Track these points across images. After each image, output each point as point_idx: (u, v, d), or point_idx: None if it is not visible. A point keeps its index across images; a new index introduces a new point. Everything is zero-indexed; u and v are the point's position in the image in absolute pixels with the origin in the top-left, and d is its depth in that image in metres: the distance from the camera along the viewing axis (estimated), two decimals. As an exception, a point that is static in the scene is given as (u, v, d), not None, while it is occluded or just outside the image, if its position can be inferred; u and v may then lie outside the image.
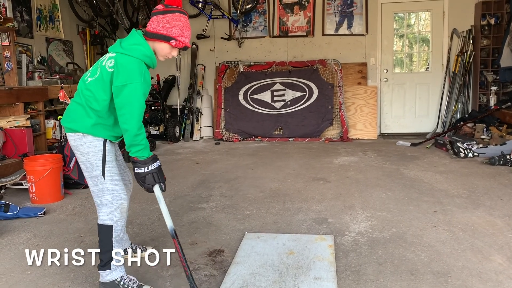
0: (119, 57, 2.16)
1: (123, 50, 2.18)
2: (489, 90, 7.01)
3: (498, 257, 2.56)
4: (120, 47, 2.21)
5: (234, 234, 3.06)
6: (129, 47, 2.19)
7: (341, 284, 2.28)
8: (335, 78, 7.31)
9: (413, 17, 7.90)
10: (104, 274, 2.25)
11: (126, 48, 2.19)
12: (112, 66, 2.15)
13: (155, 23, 2.23)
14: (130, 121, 2.13)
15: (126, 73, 2.11)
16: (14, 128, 4.80)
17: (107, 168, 2.24)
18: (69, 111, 2.28)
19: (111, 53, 2.23)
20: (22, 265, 2.64)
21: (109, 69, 2.16)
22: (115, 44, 2.26)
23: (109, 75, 2.16)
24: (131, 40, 2.23)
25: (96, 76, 2.20)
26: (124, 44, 2.21)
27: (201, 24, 7.78)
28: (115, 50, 2.22)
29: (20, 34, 5.84)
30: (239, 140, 7.27)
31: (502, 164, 4.88)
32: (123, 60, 2.15)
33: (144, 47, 2.21)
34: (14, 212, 3.46)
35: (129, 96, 2.10)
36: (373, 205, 3.63)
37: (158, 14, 2.24)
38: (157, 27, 2.22)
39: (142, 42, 2.21)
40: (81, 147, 2.23)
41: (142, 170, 2.21)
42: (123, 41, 2.24)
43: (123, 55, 2.16)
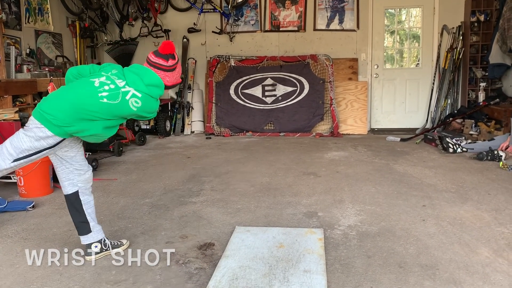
0: (145, 99, 2.39)
1: (148, 91, 2.40)
2: (478, 86, 7.07)
3: (485, 250, 2.60)
4: (144, 87, 2.39)
5: (224, 227, 3.06)
6: (152, 89, 2.42)
7: (330, 277, 2.29)
8: (326, 73, 7.33)
9: (404, 13, 7.93)
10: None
11: (150, 90, 2.41)
12: (137, 107, 2.37)
13: (171, 78, 2.53)
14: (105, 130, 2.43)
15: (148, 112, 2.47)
16: (2, 121, 4.74)
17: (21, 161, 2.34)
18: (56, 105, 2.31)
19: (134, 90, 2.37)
20: (10, 258, 2.62)
21: (133, 107, 2.36)
22: (136, 79, 2.39)
23: (131, 111, 2.38)
24: (154, 81, 2.44)
25: (115, 102, 2.33)
26: (147, 83, 2.41)
27: (192, 18, 7.74)
28: (140, 89, 2.38)
29: (8, 26, 5.77)
30: (230, 135, 7.26)
31: (490, 160, 4.94)
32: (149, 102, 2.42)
33: (161, 90, 2.49)
34: (2, 206, 3.43)
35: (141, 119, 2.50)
36: (363, 199, 3.65)
37: (171, 71, 2.51)
38: (173, 80, 2.55)
39: (160, 85, 2.47)
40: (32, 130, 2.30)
41: None
42: (145, 79, 2.41)
43: (148, 97, 2.40)
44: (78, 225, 2.60)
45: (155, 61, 2.47)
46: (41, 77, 5.73)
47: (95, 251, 2.58)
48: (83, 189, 2.57)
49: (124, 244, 2.72)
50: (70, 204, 2.58)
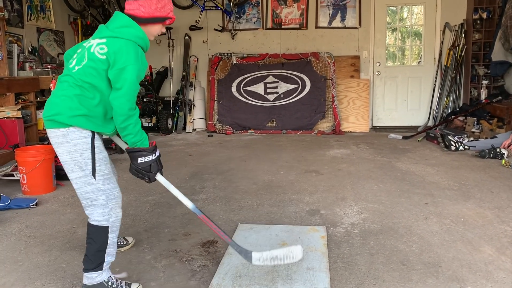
0: (111, 42, 2.02)
1: (113, 34, 2.05)
2: (480, 84, 7.06)
3: (487, 248, 2.60)
4: (108, 31, 2.07)
5: (227, 225, 3.07)
6: (120, 30, 2.06)
7: (333, 275, 2.30)
8: (328, 71, 7.32)
9: (405, 11, 7.91)
10: (93, 276, 2.09)
11: (116, 31, 2.05)
12: (104, 53, 2.01)
13: (145, 6, 2.11)
14: (123, 102, 1.99)
15: (123, 57, 1.99)
16: (5, 118, 4.76)
17: (97, 167, 2.04)
18: (52, 104, 2.04)
19: (98, 39, 2.07)
20: (13, 256, 2.63)
21: (100, 56, 2.01)
22: (100, 30, 2.12)
23: (102, 62, 2.01)
24: (118, 22, 2.09)
25: (84, 62, 2.04)
26: (112, 27, 2.08)
27: (194, 16, 7.74)
28: (104, 34, 2.06)
29: (10, 23, 5.77)
30: (232, 133, 7.26)
31: (492, 157, 4.93)
32: (117, 44, 2.01)
33: (135, 29, 2.09)
34: (6, 203, 3.44)
35: (127, 79, 1.99)
36: (365, 197, 3.66)
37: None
38: (150, 10, 2.12)
39: (132, 24, 2.09)
40: (66, 144, 2.01)
41: (150, 158, 2.09)
42: (110, 24, 2.10)
43: (114, 38, 2.03)
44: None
45: None
46: (43, 75, 5.74)
47: None
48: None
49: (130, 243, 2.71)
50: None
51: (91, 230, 2.10)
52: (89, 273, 2.10)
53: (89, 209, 2.09)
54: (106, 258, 2.11)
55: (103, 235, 2.08)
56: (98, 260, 2.09)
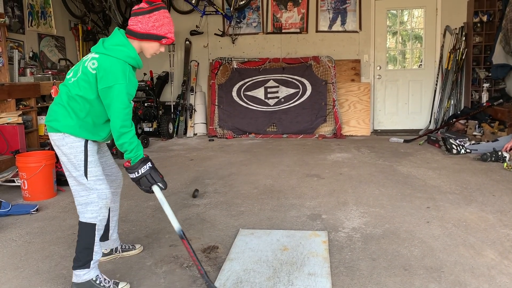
0: (102, 59, 2.14)
1: (105, 51, 2.16)
2: (481, 87, 7.05)
3: (490, 252, 2.58)
4: (102, 48, 2.18)
5: (228, 230, 3.06)
6: (112, 47, 2.16)
7: (335, 280, 2.29)
8: (328, 75, 7.32)
9: (406, 14, 7.92)
10: (81, 274, 2.18)
11: (109, 49, 2.16)
12: (95, 68, 2.13)
13: (143, 23, 2.19)
14: (114, 121, 2.12)
15: (110, 75, 2.09)
16: (6, 124, 4.76)
17: (89, 169, 2.20)
18: (51, 111, 2.22)
19: (93, 54, 2.20)
20: (14, 262, 2.63)
21: (92, 70, 2.14)
22: (98, 44, 2.24)
23: (93, 76, 2.13)
24: (114, 40, 2.20)
25: (78, 75, 2.18)
26: (107, 44, 2.19)
27: (194, 21, 7.75)
28: (97, 50, 2.20)
29: (11, 29, 5.78)
30: (232, 137, 7.26)
31: (494, 161, 4.92)
32: (107, 62, 2.12)
33: (128, 48, 2.19)
34: (6, 209, 3.44)
35: (114, 98, 2.10)
36: (367, 201, 3.64)
37: (144, 14, 2.20)
38: (146, 27, 2.20)
39: (126, 43, 2.19)
40: (62, 147, 2.18)
41: (134, 175, 2.20)
42: (105, 41, 2.22)
43: (106, 56, 2.14)
44: None
45: (134, 9, 2.25)
46: (44, 81, 5.74)
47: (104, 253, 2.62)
48: (115, 195, 2.56)
49: (136, 249, 2.75)
50: None
51: (81, 227, 2.22)
52: (77, 271, 2.19)
53: (80, 207, 2.22)
54: (94, 256, 2.21)
55: (90, 233, 2.20)
56: (86, 258, 2.19)
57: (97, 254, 2.23)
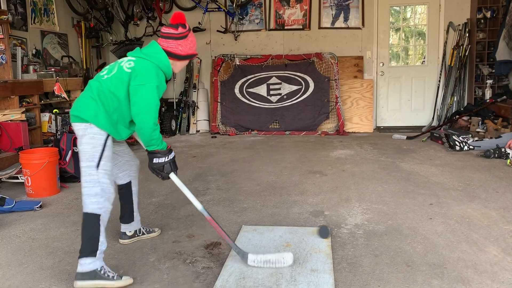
0: (138, 61, 2.40)
1: (144, 56, 2.42)
2: (484, 83, 7.03)
3: (493, 249, 2.58)
4: (140, 53, 2.45)
5: (231, 227, 3.07)
6: (151, 54, 2.43)
7: (337, 276, 2.29)
8: (331, 72, 7.31)
9: (409, 11, 7.89)
10: (87, 262, 2.24)
11: (148, 55, 2.42)
12: (130, 67, 2.37)
13: (183, 46, 2.50)
14: (147, 118, 2.34)
15: (144, 74, 2.34)
16: (9, 121, 4.77)
17: (102, 162, 2.33)
18: (80, 103, 2.38)
19: (130, 57, 2.45)
20: (18, 258, 2.64)
21: (126, 69, 2.37)
22: (135, 50, 2.49)
23: (127, 75, 2.36)
24: (152, 49, 2.47)
25: (113, 73, 2.39)
26: (145, 51, 2.45)
27: (197, 17, 7.75)
28: (135, 55, 2.45)
29: (14, 27, 5.79)
30: (235, 134, 7.27)
31: (497, 157, 4.91)
32: (142, 63, 2.38)
33: (164, 57, 2.45)
34: (10, 206, 3.45)
35: (145, 96, 2.33)
36: (369, 197, 3.64)
37: (182, 38, 2.49)
38: (186, 49, 2.52)
39: (162, 52, 2.46)
40: (84, 137, 2.33)
41: (163, 159, 2.45)
42: (143, 49, 2.48)
43: (142, 59, 2.41)
44: (124, 214, 2.79)
45: (166, 31, 2.50)
46: (47, 78, 5.75)
47: (129, 235, 2.82)
48: (134, 179, 2.80)
49: (156, 231, 2.94)
50: (121, 195, 2.79)
51: (85, 218, 2.31)
52: (83, 259, 2.26)
53: (85, 197, 2.32)
54: (100, 246, 2.30)
55: (95, 223, 2.29)
56: (91, 247, 2.27)
57: (103, 244, 2.31)
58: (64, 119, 5.64)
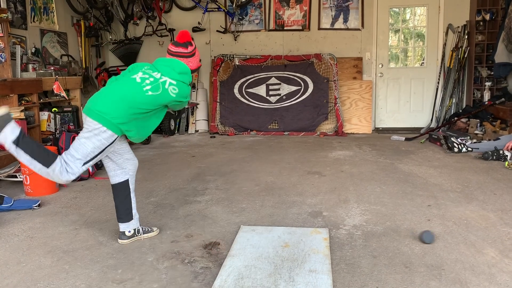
0: (180, 86, 2.64)
1: (181, 79, 2.65)
2: (483, 85, 7.04)
3: (491, 251, 2.59)
4: (178, 75, 2.64)
5: (229, 227, 3.07)
6: (184, 76, 2.68)
7: (336, 277, 2.30)
8: (330, 73, 7.32)
9: (408, 12, 7.90)
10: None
11: (182, 77, 2.66)
12: (175, 94, 2.62)
13: (193, 62, 2.76)
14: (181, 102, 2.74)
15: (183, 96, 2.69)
16: (8, 120, 4.76)
17: (90, 163, 2.54)
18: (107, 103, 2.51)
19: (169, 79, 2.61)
20: (17, 257, 2.64)
21: (172, 94, 2.61)
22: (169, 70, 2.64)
23: (171, 99, 2.62)
24: (183, 69, 2.69)
25: (158, 93, 2.58)
26: (179, 72, 2.66)
27: (196, 17, 7.75)
28: (174, 77, 2.63)
29: (14, 25, 5.78)
30: (234, 134, 7.27)
31: (496, 159, 4.92)
32: (184, 88, 2.67)
33: (190, 76, 2.75)
34: (9, 204, 3.45)
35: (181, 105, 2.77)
36: (368, 199, 3.65)
37: (192, 56, 2.74)
38: (195, 64, 2.79)
39: (189, 71, 2.73)
40: (94, 136, 2.49)
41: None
42: (176, 69, 2.66)
43: (182, 84, 2.65)
44: (122, 213, 2.81)
45: (176, 50, 2.70)
46: (46, 76, 5.74)
47: (128, 235, 2.83)
48: (132, 177, 2.84)
49: (154, 231, 2.95)
50: (118, 193, 2.82)
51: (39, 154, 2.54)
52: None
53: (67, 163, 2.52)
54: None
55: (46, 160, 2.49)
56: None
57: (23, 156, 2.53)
58: (63, 118, 5.64)
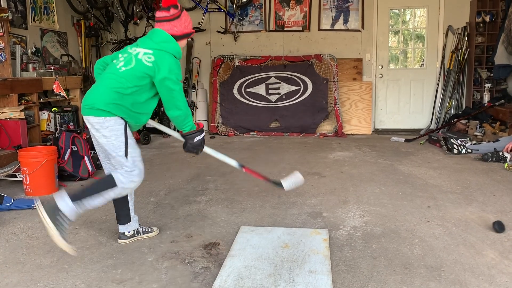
0: (157, 54, 2.47)
1: (158, 47, 2.49)
2: (483, 87, 7.05)
3: (490, 252, 2.59)
4: (154, 43, 2.50)
5: (229, 227, 3.07)
6: (164, 44, 2.50)
7: (335, 277, 2.30)
8: (330, 73, 7.32)
9: (408, 14, 7.91)
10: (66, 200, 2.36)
11: (162, 45, 2.50)
12: (151, 62, 2.45)
13: (178, 26, 2.57)
14: (178, 109, 2.52)
15: (167, 68, 2.44)
16: (8, 119, 4.77)
17: (129, 150, 2.48)
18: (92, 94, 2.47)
19: (144, 49, 2.49)
20: (16, 256, 2.64)
21: (147, 63, 2.45)
22: (146, 40, 2.55)
23: (148, 69, 2.45)
24: (161, 37, 2.53)
25: (131, 66, 2.46)
26: (157, 40, 2.51)
27: (197, 18, 7.74)
28: (150, 46, 2.50)
29: (14, 24, 5.78)
30: (234, 134, 7.27)
31: (495, 161, 4.92)
32: (162, 56, 2.47)
33: (176, 44, 2.56)
34: (8, 204, 3.45)
35: (172, 89, 2.47)
36: (368, 200, 3.65)
37: (176, 19, 2.56)
38: (182, 29, 2.59)
39: (173, 40, 2.54)
40: (103, 130, 2.43)
41: (201, 135, 2.72)
42: (153, 38, 2.53)
43: (160, 51, 2.48)
44: (120, 215, 2.79)
45: (159, 15, 2.59)
46: (46, 76, 5.74)
47: (128, 235, 2.82)
48: None
49: (154, 231, 2.94)
50: None
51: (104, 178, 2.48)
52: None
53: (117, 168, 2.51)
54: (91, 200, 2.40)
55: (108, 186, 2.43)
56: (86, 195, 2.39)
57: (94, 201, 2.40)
58: (63, 118, 5.63)
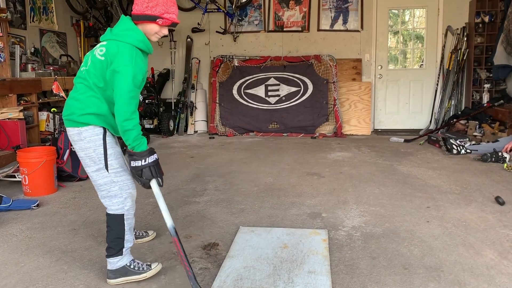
0: (109, 45, 2.16)
1: (113, 37, 2.18)
2: (482, 87, 7.06)
3: (489, 252, 2.59)
4: (110, 34, 2.21)
5: (228, 228, 3.07)
6: (120, 33, 2.18)
7: (335, 278, 2.29)
8: (329, 74, 7.32)
9: (407, 14, 7.91)
10: (115, 261, 2.27)
11: (117, 34, 2.18)
12: (102, 55, 2.15)
13: (139, 4, 2.19)
14: (121, 107, 2.09)
15: (117, 59, 2.10)
16: (7, 120, 4.76)
17: (109, 162, 2.22)
18: (68, 105, 2.25)
19: (102, 42, 2.23)
20: (15, 257, 2.63)
21: (100, 57, 2.15)
22: (106, 33, 2.26)
23: (100, 63, 2.15)
24: (121, 26, 2.21)
25: (89, 64, 2.20)
26: (115, 31, 2.21)
27: (196, 18, 7.74)
28: (105, 38, 2.23)
29: (13, 25, 5.78)
30: (233, 135, 7.27)
31: (494, 161, 4.92)
32: (113, 46, 2.14)
33: (136, 32, 2.19)
34: (7, 204, 3.44)
35: (120, 82, 2.09)
36: (367, 200, 3.65)
37: None
38: (141, 9, 2.18)
39: (133, 27, 2.20)
40: (80, 142, 2.21)
41: (139, 163, 2.15)
42: (113, 28, 2.24)
43: (113, 41, 2.16)
44: None
45: None
46: (45, 76, 5.74)
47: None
48: None
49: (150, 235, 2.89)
50: None
51: (109, 219, 2.28)
52: (111, 259, 2.28)
53: (105, 200, 2.28)
54: (125, 244, 2.30)
55: (119, 222, 2.27)
56: (118, 247, 2.28)
57: (128, 242, 2.32)
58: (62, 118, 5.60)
